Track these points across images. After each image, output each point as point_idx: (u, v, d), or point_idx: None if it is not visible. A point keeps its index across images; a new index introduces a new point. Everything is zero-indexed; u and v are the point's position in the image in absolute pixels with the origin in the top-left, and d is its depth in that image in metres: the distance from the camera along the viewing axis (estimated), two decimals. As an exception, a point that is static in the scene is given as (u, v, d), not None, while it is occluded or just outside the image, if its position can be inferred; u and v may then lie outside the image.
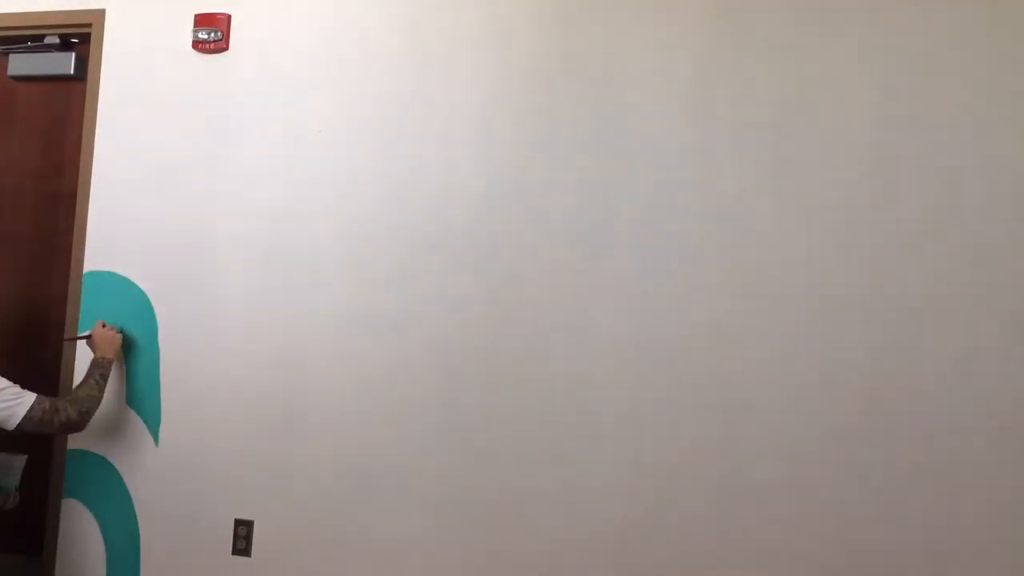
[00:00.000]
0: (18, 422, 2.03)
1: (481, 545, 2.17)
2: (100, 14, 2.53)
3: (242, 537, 2.33)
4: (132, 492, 2.41)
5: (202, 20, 2.45)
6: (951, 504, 1.92)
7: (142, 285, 2.44)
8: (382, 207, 2.29)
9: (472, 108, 2.25)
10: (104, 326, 2.35)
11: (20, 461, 2.24)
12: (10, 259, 2.69)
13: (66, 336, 2.46)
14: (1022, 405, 1.90)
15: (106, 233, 2.47)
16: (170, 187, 2.44)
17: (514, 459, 2.16)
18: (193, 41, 2.45)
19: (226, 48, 2.44)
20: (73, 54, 2.61)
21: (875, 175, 2.01)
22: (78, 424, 2.15)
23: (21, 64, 2.65)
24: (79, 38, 2.62)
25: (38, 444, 2.49)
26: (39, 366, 2.58)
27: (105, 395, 2.31)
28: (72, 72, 2.59)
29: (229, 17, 2.44)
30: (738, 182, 2.08)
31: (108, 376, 2.28)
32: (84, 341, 2.37)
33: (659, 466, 2.08)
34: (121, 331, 2.39)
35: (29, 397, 2.07)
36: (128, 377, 2.43)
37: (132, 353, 2.43)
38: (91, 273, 2.47)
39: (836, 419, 1.99)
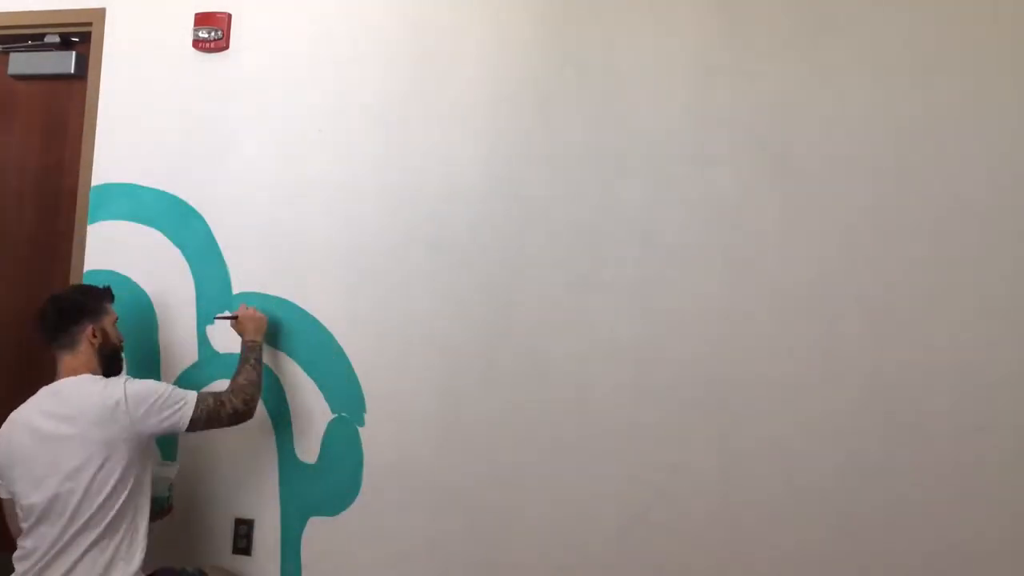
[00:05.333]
0: (187, 424, 1.95)
1: (480, 545, 2.17)
2: (100, 13, 2.54)
3: (243, 536, 2.33)
4: (132, 491, 2.41)
5: (202, 19, 2.45)
6: (951, 503, 1.92)
7: (142, 284, 2.45)
8: (382, 206, 2.29)
9: (473, 107, 2.25)
10: (247, 308, 2.26)
11: (172, 470, 2.20)
12: (10, 258, 2.69)
13: (215, 316, 2.33)
14: (1022, 403, 1.90)
15: (106, 233, 2.47)
16: (170, 186, 2.44)
17: (513, 458, 2.16)
18: (193, 40, 2.45)
19: (226, 47, 2.43)
20: (73, 53, 2.61)
21: (875, 174, 2.00)
22: (245, 413, 2.05)
23: (21, 63, 2.66)
24: (79, 37, 2.63)
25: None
26: (39, 365, 2.58)
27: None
28: (72, 71, 2.60)
29: (229, 16, 2.44)
30: (738, 182, 2.08)
31: (262, 359, 2.19)
32: (229, 323, 2.27)
33: (659, 465, 2.08)
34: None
35: (191, 397, 1.97)
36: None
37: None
38: (91, 272, 2.47)
39: (836, 418, 1.98)
